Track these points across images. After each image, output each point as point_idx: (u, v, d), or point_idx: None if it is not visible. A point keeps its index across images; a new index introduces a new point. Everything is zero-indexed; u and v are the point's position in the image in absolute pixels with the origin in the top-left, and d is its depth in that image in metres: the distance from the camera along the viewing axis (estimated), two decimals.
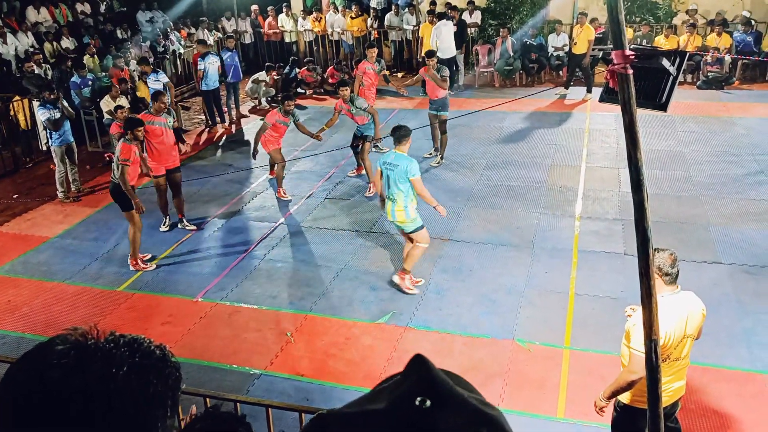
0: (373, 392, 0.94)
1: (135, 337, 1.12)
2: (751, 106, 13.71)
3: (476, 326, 6.74)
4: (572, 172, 10.60)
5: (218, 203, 10.12)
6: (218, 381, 6.09)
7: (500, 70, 16.37)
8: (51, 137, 10.30)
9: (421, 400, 0.84)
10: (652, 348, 2.41)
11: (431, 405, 0.84)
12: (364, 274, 7.88)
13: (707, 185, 9.86)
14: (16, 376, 1.05)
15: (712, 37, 15.51)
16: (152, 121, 8.75)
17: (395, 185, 7.03)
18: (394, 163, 7.02)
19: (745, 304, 6.87)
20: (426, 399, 0.84)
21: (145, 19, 18.26)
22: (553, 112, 13.86)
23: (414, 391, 0.86)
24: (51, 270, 8.38)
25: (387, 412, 0.86)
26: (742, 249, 8.00)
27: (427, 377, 0.88)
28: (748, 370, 5.91)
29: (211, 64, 13.59)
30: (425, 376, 0.88)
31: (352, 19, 18.22)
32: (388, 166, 7.09)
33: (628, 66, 2.20)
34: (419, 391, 0.85)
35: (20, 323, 7.25)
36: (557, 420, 5.45)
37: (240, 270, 8.12)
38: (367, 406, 0.89)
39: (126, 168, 7.83)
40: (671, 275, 4.08)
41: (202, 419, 2.31)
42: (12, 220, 9.98)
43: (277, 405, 4.17)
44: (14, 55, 15.00)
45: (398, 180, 6.99)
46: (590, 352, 6.23)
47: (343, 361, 6.34)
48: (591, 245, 8.24)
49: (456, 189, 10.12)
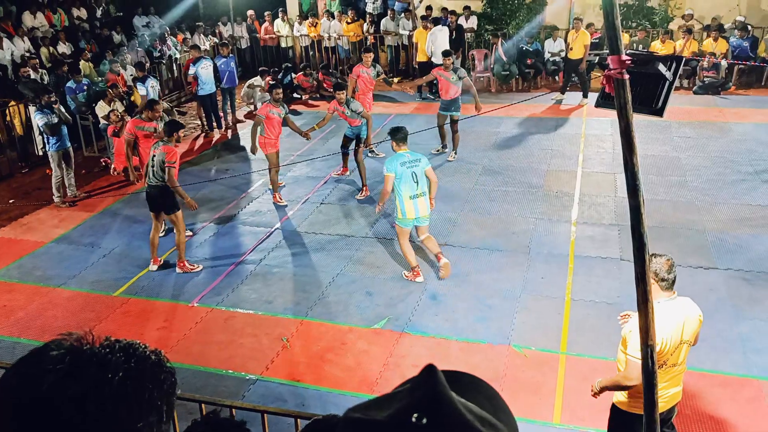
0: (383, 397, 0.93)
1: (130, 342, 1.12)
2: (747, 112, 13.76)
3: (472, 331, 6.73)
4: (568, 177, 10.61)
5: (214, 208, 10.11)
6: (214, 386, 6.07)
7: (497, 75, 16.41)
8: (48, 142, 10.28)
9: (418, 416, 0.83)
10: (648, 354, 2.41)
11: (427, 424, 0.82)
12: (360, 279, 7.88)
13: (703, 190, 9.88)
14: (11, 381, 1.04)
15: (709, 42, 15.56)
16: (142, 126, 8.80)
17: (422, 178, 7.44)
18: (414, 159, 7.43)
19: (740, 310, 6.88)
20: (423, 416, 0.83)
21: (142, 24, 18.26)
22: (550, 118, 13.89)
23: (415, 406, 0.84)
24: (46, 275, 8.36)
25: (386, 424, 0.85)
26: (738, 254, 8.01)
27: (432, 393, 0.86)
28: (744, 376, 5.92)
29: (203, 68, 13.58)
30: (431, 391, 0.86)
31: (348, 24, 18.25)
32: (411, 164, 7.39)
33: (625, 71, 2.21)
34: (420, 407, 0.84)
35: (15, 328, 7.23)
36: (553, 425, 5.44)
37: (236, 275, 8.11)
38: (372, 413, 0.88)
39: (173, 170, 7.84)
40: (667, 281, 4.08)
41: (201, 424, 2.30)
42: (8, 224, 9.95)
43: (273, 411, 4.16)
44: (10, 60, 14.97)
45: (422, 174, 7.43)
46: (586, 358, 6.23)
47: (339, 366, 6.33)
48: (587, 250, 8.25)
49: (452, 194, 10.12)
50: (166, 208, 8.09)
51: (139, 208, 10.27)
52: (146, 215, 9.87)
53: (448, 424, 0.84)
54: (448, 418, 0.84)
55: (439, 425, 0.83)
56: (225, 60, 14.27)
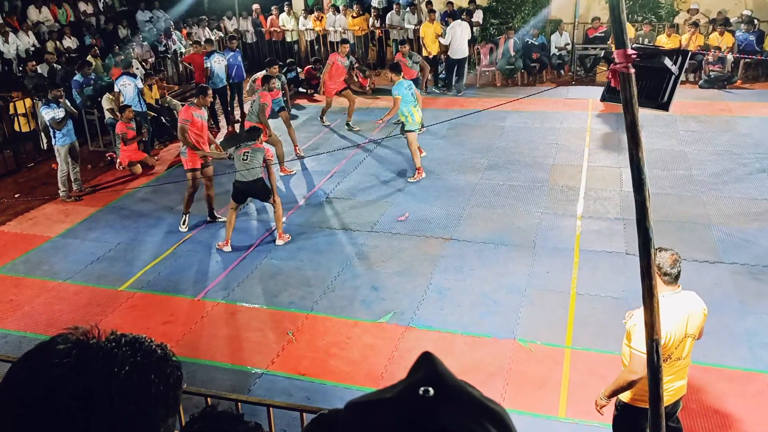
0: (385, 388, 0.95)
1: (136, 337, 1.12)
2: (754, 106, 13.69)
3: (477, 326, 6.74)
4: (574, 172, 10.59)
5: (220, 202, 10.11)
6: (220, 380, 6.09)
7: (502, 69, 16.36)
8: (55, 137, 10.29)
9: (425, 390, 0.87)
10: (653, 348, 2.41)
11: (434, 395, 0.86)
12: (365, 273, 7.88)
13: (709, 185, 9.84)
14: (18, 375, 1.05)
15: (714, 36, 15.47)
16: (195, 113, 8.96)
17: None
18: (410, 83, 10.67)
19: (746, 304, 6.86)
20: (429, 389, 0.87)
21: (145, 19, 18.25)
22: (555, 112, 13.85)
23: (419, 382, 0.88)
24: (52, 269, 8.39)
25: (391, 401, 0.89)
26: (744, 249, 7.99)
27: (432, 371, 0.91)
28: (750, 370, 5.91)
29: (216, 62, 13.59)
30: (431, 370, 0.91)
31: (354, 19, 18.21)
32: (409, 87, 10.49)
33: (630, 65, 2.20)
34: (424, 382, 0.88)
35: (22, 322, 7.26)
36: (558, 419, 5.45)
37: (241, 269, 8.12)
38: (377, 396, 0.92)
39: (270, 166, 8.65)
40: (670, 275, 4.07)
41: (200, 419, 2.30)
42: (14, 219, 9.99)
43: (279, 404, 4.17)
44: (15, 55, 15.00)
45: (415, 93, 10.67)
46: (591, 352, 6.23)
47: (344, 360, 6.34)
48: (592, 245, 8.24)
49: (457, 188, 10.11)
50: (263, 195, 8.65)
51: (144, 202, 10.31)
52: (151, 210, 9.93)
53: (455, 395, 0.89)
54: (452, 389, 0.89)
55: (445, 396, 0.87)
56: (233, 54, 14.26)
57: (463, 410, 0.86)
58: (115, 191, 10.88)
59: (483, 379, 5.88)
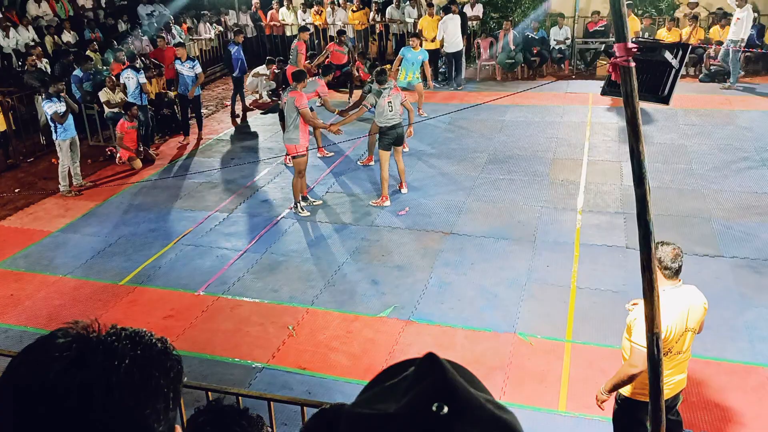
0: (382, 388, 0.92)
1: (137, 331, 1.12)
2: (754, 99, 13.68)
3: (478, 320, 6.74)
4: (574, 166, 10.58)
5: (221, 197, 10.12)
6: (220, 374, 6.10)
7: (502, 63, 16.34)
8: (56, 131, 10.28)
9: (439, 406, 0.81)
10: (653, 341, 2.42)
11: (449, 411, 0.80)
12: (365, 267, 7.88)
13: (709, 178, 9.84)
14: (18, 369, 1.04)
15: (715, 29, 15.44)
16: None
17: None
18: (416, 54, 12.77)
19: (747, 298, 6.87)
20: (443, 405, 0.81)
21: (146, 13, 18.21)
22: (555, 106, 13.83)
23: (430, 395, 0.82)
24: (53, 264, 8.39)
25: (401, 416, 0.82)
26: (745, 242, 7.99)
27: (443, 380, 0.84)
28: (750, 363, 5.92)
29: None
30: (441, 379, 0.84)
31: (354, 13, 18.17)
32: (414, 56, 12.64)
33: (631, 59, 2.20)
34: (435, 395, 0.82)
35: (22, 317, 7.27)
36: (559, 413, 5.46)
37: (242, 264, 8.13)
38: (379, 406, 0.86)
39: None
40: (671, 269, 4.07)
41: (204, 412, 2.31)
42: (14, 214, 9.98)
43: (279, 398, 4.17)
44: (14, 50, 14.96)
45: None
46: (592, 346, 6.23)
47: (344, 354, 6.34)
48: (593, 239, 8.24)
49: (457, 182, 10.11)
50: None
51: (144, 196, 10.30)
52: (151, 204, 9.92)
53: (469, 411, 0.82)
54: (466, 405, 0.83)
55: (460, 413, 0.81)
56: (237, 48, 14.25)
57: (479, 428, 0.81)
58: (116, 186, 10.88)
59: (483, 373, 5.88)
